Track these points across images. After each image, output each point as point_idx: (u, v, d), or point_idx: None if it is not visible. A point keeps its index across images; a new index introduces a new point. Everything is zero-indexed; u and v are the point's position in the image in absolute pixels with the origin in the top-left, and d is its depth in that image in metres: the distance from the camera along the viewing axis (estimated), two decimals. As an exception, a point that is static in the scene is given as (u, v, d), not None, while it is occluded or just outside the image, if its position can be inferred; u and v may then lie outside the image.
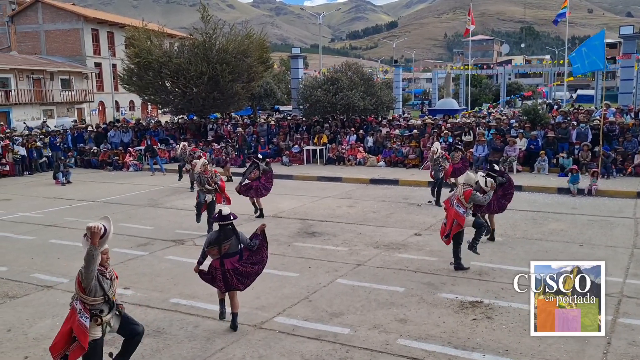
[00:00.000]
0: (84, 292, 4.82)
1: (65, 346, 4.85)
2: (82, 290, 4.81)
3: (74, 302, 4.90)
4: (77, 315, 4.80)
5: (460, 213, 8.42)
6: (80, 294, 4.82)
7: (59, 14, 45.36)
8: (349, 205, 14.08)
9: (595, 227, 11.26)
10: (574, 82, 64.10)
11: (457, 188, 8.74)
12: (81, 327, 4.77)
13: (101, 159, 23.11)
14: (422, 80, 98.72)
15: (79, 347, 4.81)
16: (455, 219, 8.41)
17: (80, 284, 4.82)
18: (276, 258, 9.55)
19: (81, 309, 4.80)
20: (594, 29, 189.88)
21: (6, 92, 36.60)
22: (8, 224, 12.73)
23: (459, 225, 8.44)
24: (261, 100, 34.49)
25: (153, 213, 13.66)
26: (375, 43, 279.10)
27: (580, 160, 17.37)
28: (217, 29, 24.44)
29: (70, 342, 4.85)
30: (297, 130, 23.63)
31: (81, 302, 4.83)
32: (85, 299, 4.82)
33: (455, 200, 8.52)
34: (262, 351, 6.10)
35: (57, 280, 8.60)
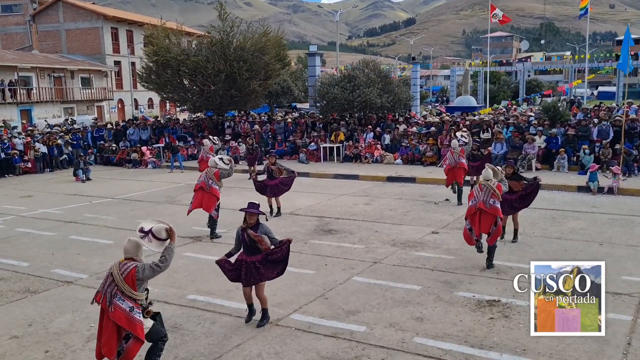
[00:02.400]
0: (136, 290, 5.00)
1: (118, 345, 4.99)
2: (134, 289, 4.98)
3: (117, 303, 4.95)
4: (127, 314, 4.93)
5: (499, 209, 8.53)
6: (133, 292, 4.97)
7: (79, 13, 45.91)
8: (366, 203, 14.05)
9: (616, 225, 11.09)
10: (594, 79, 63.16)
11: (486, 187, 8.55)
12: (137, 323, 4.95)
13: (120, 157, 23.36)
14: (440, 78, 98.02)
15: (136, 342, 4.98)
16: (498, 215, 8.48)
17: (135, 283, 4.98)
18: (293, 255, 9.49)
19: (132, 306, 4.96)
20: (616, 24, 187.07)
21: (28, 90, 37.15)
22: (29, 220, 12.94)
23: (501, 220, 8.67)
24: (278, 98, 34.54)
25: (171, 210, 13.77)
26: (393, 40, 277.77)
27: (601, 158, 17.12)
28: (234, 26, 24.51)
29: (121, 340, 4.99)
30: (314, 127, 23.63)
31: (130, 300, 4.97)
32: (138, 295, 5.02)
33: (491, 199, 8.46)
34: (278, 348, 6.12)
35: (76, 276, 8.73)
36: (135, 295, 4.98)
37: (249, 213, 6.47)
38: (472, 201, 8.70)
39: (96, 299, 5.12)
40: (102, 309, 5.07)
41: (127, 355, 4.99)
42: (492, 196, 8.46)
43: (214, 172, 10.86)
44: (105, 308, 5.00)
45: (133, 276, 4.96)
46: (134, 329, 4.93)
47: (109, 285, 5.03)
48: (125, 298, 4.96)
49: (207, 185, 10.74)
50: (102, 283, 5.16)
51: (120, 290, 4.96)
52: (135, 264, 5.09)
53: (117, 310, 4.92)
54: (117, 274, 5.01)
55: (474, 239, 8.64)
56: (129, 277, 4.97)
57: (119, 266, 5.07)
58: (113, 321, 4.93)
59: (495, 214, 8.44)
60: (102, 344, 4.99)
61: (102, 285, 5.13)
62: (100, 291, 5.09)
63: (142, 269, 5.05)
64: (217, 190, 10.82)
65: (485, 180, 8.64)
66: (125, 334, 4.99)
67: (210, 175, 10.84)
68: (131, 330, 4.94)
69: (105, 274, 5.18)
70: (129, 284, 4.96)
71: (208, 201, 10.73)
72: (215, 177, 10.82)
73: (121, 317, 4.91)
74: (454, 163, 13.45)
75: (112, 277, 5.04)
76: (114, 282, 5.01)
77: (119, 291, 4.96)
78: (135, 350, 5.00)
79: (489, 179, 8.63)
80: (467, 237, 8.73)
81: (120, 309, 4.92)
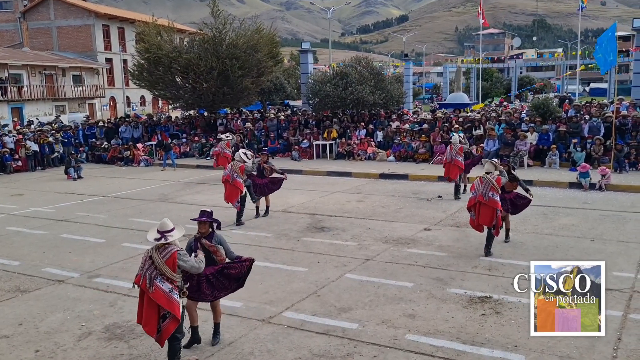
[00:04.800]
0: (175, 272, 5.34)
1: (157, 324, 5.36)
2: (174, 271, 5.33)
3: (157, 284, 5.28)
4: (167, 294, 5.28)
5: (499, 202, 8.81)
6: (173, 273, 5.31)
7: (70, 10, 45.62)
8: (359, 200, 14.06)
9: (607, 222, 11.16)
10: (586, 75, 63.46)
11: (486, 180, 8.87)
12: (175, 303, 5.31)
13: (112, 155, 23.26)
14: (432, 74, 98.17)
15: (173, 320, 5.34)
16: (497, 207, 8.77)
17: (175, 265, 5.32)
18: (285, 253, 9.58)
19: (171, 287, 5.31)
20: (607, 21, 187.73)
21: (19, 88, 36.90)
22: (21, 219, 12.87)
23: (500, 211, 8.91)
24: (271, 95, 34.48)
25: (163, 208, 13.73)
26: (386, 37, 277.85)
27: (593, 154, 17.22)
28: (226, 24, 24.42)
29: (159, 320, 5.35)
30: (307, 125, 23.61)
31: (169, 281, 5.30)
32: (176, 277, 5.36)
33: (490, 192, 8.76)
34: (271, 346, 6.11)
35: (68, 275, 8.68)
36: (174, 276, 5.33)
37: (201, 222, 6.10)
38: (473, 193, 9.13)
39: (135, 282, 5.46)
40: (141, 290, 5.40)
41: (164, 333, 5.37)
42: (491, 189, 8.78)
43: (240, 166, 11.35)
44: (145, 289, 5.32)
45: (175, 259, 5.31)
46: (172, 308, 5.29)
47: (147, 268, 5.35)
48: (165, 280, 5.31)
49: (231, 178, 11.34)
50: (140, 266, 5.46)
51: (161, 272, 5.30)
52: (177, 248, 5.41)
53: (158, 290, 5.27)
54: (157, 257, 5.32)
55: (481, 227, 9.05)
56: (171, 260, 5.31)
57: (159, 250, 5.37)
58: (153, 301, 5.29)
59: (494, 206, 8.75)
60: (143, 323, 5.40)
61: (140, 268, 5.44)
62: (139, 274, 5.41)
63: (184, 255, 5.42)
64: (240, 183, 11.36)
65: (486, 174, 8.93)
66: (163, 313, 5.34)
67: (236, 168, 11.35)
68: (170, 309, 5.29)
69: (143, 258, 5.47)
70: (170, 267, 5.30)
71: (231, 193, 11.43)
72: (240, 171, 11.35)
73: (161, 298, 5.27)
74: (450, 159, 13.59)
75: (152, 260, 5.35)
76: (153, 265, 5.33)
77: (159, 273, 5.30)
78: (171, 328, 5.36)
79: (489, 172, 8.93)
80: (474, 225, 9.20)
81: (161, 290, 5.27)
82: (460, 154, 13.70)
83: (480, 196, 8.84)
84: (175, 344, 5.49)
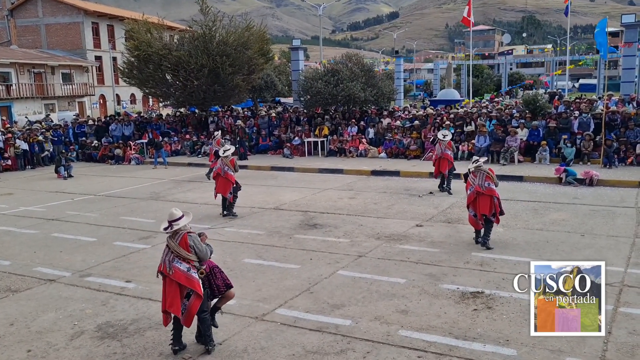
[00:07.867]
0: (190, 252, 5.71)
1: (181, 304, 5.73)
2: (188, 251, 5.71)
3: (175, 265, 5.68)
4: (186, 273, 5.67)
5: (496, 190, 9.22)
6: (187, 253, 5.70)
7: (59, 7, 45.19)
8: (350, 197, 14.08)
9: (597, 216, 11.25)
10: (576, 71, 63.82)
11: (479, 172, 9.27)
12: (194, 280, 5.70)
13: (102, 153, 23.12)
14: (423, 71, 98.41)
15: (197, 298, 5.71)
16: (494, 196, 9.18)
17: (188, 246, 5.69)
18: (277, 250, 9.58)
19: (188, 266, 5.70)
20: (596, 17, 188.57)
21: (7, 86, 36.57)
22: (11, 218, 12.77)
23: (498, 199, 9.27)
24: (262, 93, 34.39)
25: (155, 206, 13.68)
26: (377, 34, 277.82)
27: (582, 150, 17.34)
28: (216, 21, 24.33)
29: (183, 299, 5.73)
30: (298, 122, 23.58)
31: (186, 261, 5.70)
32: (191, 256, 5.72)
33: (486, 182, 9.14)
34: (264, 343, 6.12)
35: (59, 274, 8.63)
36: (189, 256, 5.71)
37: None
38: (469, 189, 9.40)
39: (159, 270, 5.85)
40: (164, 276, 5.79)
41: (189, 312, 5.72)
42: (487, 179, 9.20)
43: (230, 160, 11.96)
44: (166, 273, 5.74)
45: (186, 241, 5.71)
46: (192, 285, 5.67)
47: (166, 255, 5.80)
48: (182, 260, 5.71)
49: (222, 171, 11.89)
50: (162, 257, 5.87)
51: (176, 254, 5.71)
52: (186, 231, 5.79)
53: (177, 271, 5.69)
54: (171, 242, 5.76)
55: (480, 224, 9.33)
56: (183, 242, 5.72)
57: (173, 237, 5.79)
58: (175, 282, 5.68)
59: (492, 194, 9.14)
60: (167, 306, 5.74)
61: (162, 258, 5.85)
62: (161, 263, 5.83)
63: (195, 237, 5.78)
64: (232, 175, 11.92)
65: (477, 167, 9.27)
66: (186, 292, 5.72)
67: (226, 162, 11.91)
68: (190, 286, 5.67)
69: (163, 249, 5.89)
70: (183, 247, 5.70)
71: (224, 186, 11.94)
72: (231, 164, 11.95)
73: (181, 277, 5.67)
74: (440, 153, 13.87)
75: (168, 247, 5.79)
76: (170, 250, 5.76)
77: (176, 256, 5.72)
78: (196, 306, 5.71)
79: (480, 165, 9.28)
80: (473, 222, 9.49)
81: (179, 270, 5.69)
82: (449, 148, 14.16)
83: (477, 187, 9.21)
84: (205, 317, 5.82)
